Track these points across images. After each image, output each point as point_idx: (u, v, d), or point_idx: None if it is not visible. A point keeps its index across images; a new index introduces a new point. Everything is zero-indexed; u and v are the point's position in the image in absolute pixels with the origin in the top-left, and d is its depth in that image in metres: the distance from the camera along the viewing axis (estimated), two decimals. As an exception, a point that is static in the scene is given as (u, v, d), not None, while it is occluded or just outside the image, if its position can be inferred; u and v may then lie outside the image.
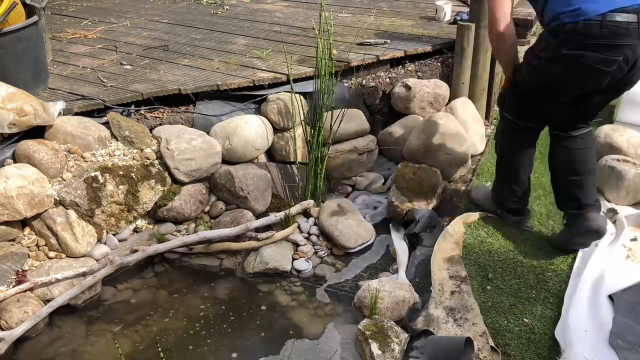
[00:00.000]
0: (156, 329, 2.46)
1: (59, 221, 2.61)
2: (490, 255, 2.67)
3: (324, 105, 3.00)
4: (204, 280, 2.73)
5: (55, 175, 2.69)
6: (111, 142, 2.91)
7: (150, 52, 3.70)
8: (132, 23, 4.37)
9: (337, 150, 3.27)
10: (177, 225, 2.96)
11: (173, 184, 2.92)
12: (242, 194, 2.96)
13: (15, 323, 2.33)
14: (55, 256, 2.64)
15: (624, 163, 3.00)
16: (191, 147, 2.89)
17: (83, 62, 3.53)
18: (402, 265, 2.67)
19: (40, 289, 2.49)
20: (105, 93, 3.09)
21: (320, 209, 3.04)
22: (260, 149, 3.14)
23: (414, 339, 2.24)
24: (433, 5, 4.33)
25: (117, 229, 2.81)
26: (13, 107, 2.63)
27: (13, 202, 2.48)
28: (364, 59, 3.49)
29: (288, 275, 2.75)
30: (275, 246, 2.85)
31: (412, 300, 2.41)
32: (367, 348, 2.17)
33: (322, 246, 2.90)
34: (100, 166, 2.74)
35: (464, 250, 2.69)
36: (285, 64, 3.32)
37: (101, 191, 2.69)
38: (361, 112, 3.40)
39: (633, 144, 3.17)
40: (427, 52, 3.74)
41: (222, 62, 3.51)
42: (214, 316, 2.53)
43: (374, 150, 3.39)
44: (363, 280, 2.66)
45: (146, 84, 3.20)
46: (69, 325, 2.47)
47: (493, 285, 2.46)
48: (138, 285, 2.70)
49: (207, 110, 3.17)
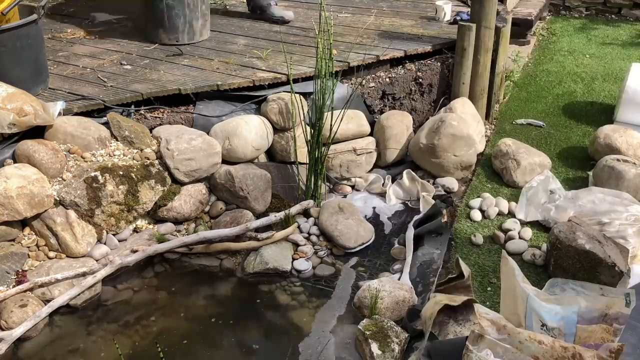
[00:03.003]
0: (156, 329, 2.46)
1: (59, 221, 2.61)
2: (490, 255, 2.67)
3: (324, 105, 3.00)
4: (204, 281, 2.73)
5: (55, 175, 2.69)
6: (111, 142, 2.91)
7: (151, 52, 3.70)
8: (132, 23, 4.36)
9: (336, 151, 3.28)
10: (177, 225, 2.96)
11: (173, 184, 2.92)
12: (242, 194, 2.96)
13: (15, 323, 2.33)
14: (55, 256, 2.64)
15: (623, 163, 3.00)
16: (191, 147, 2.89)
17: (83, 62, 3.53)
18: (407, 266, 2.66)
19: (40, 289, 2.49)
20: (105, 93, 3.09)
21: (320, 209, 3.04)
22: (260, 149, 3.14)
23: (414, 339, 2.24)
24: (433, 5, 4.33)
25: (117, 229, 2.81)
26: (13, 107, 2.63)
27: (13, 202, 2.48)
28: (364, 59, 3.49)
29: (288, 275, 2.75)
30: (275, 246, 2.85)
31: (412, 301, 2.41)
32: (367, 348, 2.17)
33: (322, 246, 2.90)
34: (100, 166, 2.74)
35: (463, 250, 2.70)
36: (285, 64, 3.32)
37: (101, 191, 2.69)
38: (361, 113, 3.40)
39: (633, 145, 3.17)
40: (427, 52, 3.74)
41: (222, 62, 3.51)
42: (214, 316, 2.53)
43: (373, 151, 3.39)
44: (363, 280, 2.66)
45: (146, 84, 3.20)
46: (69, 325, 2.47)
47: (493, 285, 2.46)
48: (138, 285, 2.70)
49: (207, 111, 3.17)
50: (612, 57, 4.85)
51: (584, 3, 6.04)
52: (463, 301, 2.15)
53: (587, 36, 5.35)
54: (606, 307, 1.96)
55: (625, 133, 3.22)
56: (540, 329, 1.99)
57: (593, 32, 5.45)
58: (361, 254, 2.87)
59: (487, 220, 2.93)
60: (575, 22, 5.78)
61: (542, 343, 1.80)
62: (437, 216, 2.86)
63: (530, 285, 2.10)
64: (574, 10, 6.09)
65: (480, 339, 1.81)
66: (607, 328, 1.92)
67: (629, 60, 4.69)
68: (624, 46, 5.10)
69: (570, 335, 1.97)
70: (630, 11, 5.90)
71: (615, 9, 5.96)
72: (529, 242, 2.75)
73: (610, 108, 3.93)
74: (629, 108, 3.63)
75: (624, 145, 3.16)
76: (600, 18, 5.95)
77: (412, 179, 3.25)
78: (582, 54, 4.91)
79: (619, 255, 2.38)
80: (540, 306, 2.00)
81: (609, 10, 5.98)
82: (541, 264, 2.60)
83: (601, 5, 6.00)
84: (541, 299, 2.04)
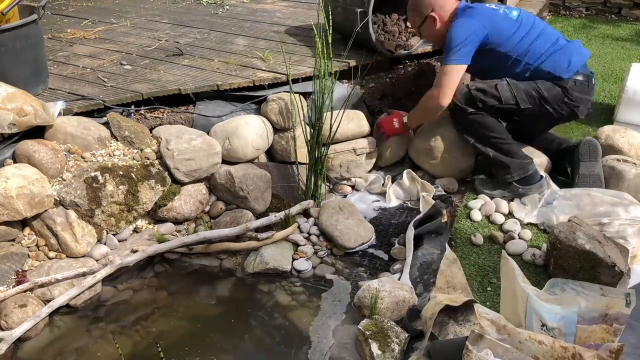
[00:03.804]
0: (156, 329, 2.46)
1: (59, 221, 2.61)
2: (490, 255, 2.67)
3: (324, 105, 3.00)
4: (204, 281, 2.73)
5: (55, 176, 2.69)
6: (111, 142, 2.91)
7: (151, 52, 3.70)
8: (132, 23, 4.37)
9: (336, 151, 3.28)
10: (177, 225, 2.96)
11: (173, 184, 2.92)
12: (242, 194, 2.97)
13: (15, 323, 2.33)
14: (55, 256, 2.64)
15: (624, 163, 3.00)
16: (191, 147, 2.89)
17: (83, 62, 3.53)
18: (407, 267, 2.66)
19: (40, 289, 2.49)
20: (105, 93, 3.09)
21: (320, 209, 3.04)
22: (260, 149, 3.14)
23: (414, 339, 2.24)
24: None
25: (117, 229, 2.81)
26: (13, 107, 2.63)
27: (13, 202, 2.48)
28: (363, 59, 3.49)
29: (288, 276, 2.75)
30: (275, 246, 2.85)
31: (412, 301, 2.41)
32: (367, 348, 2.17)
33: (322, 246, 2.90)
34: (100, 166, 2.74)
35: (463, 250, 2.70)
36: (285, 64, 3.32)
37: (101, 191, 2.69)
38: (361, 113, 3.40)
39: (635, 146, 3.16)
40: (427, 52, 3.74)
41: (222, 62, 3.51)
42: (214, 316, 2.53)
43: (373, 151, 3.39)
44: (363, 280, 2.66)
45: (146, 84, 3.20)
46: (69, 325, 2.47)
47: (493, 285, 2.46)
48: (138, 285, 2.70)
49: (207, 111, 3.17)
50: (612, 57, 4.86)
51: (584, 3, 6.05)
52: (463, 301, 2.15)
53: (587, 36, 5.35)
54: (606, 307, 1.96)
55: (626, 133, 3.21)
56: (540, 329, 1.99)
57: (593, 32, 5.46)
58: (361, 254, 2.87)
59: (487, 221, 2.93)
60: (575, 22, 5.79)
61: (542, 343, 1.80)
62: (437, 216, 2.86)
63: (530, 285, 2.10)
64: (574, 10, 6.09)
65: (480, 339, 1.81)
66: (607, 328, 1.92)
67: (629, 60, 4.70)
68: (624, 46, 5.10)
69: (570, 335, 1.97)
70: (630, 11, 5.91)
71: (615, 9, 5.96)
72: (529, 242, 2.75)
73: (610, 108, 3.93)
74: (629, 108, 3.63)
75: (626, 146, 3.16)
76: (600, 18, 5.95)
77: (412, 179, 3.26)
78: (582, 54, 4.90)
79: (619, 255, 2.38)
80: (540, 306, 2.00)
81: (609, 10, 5.99)
82: (541, 264, 2.60)
83: (601, 5, 6.00)
84: (541, 299, 2.04)
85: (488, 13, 3.02)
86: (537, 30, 3.02)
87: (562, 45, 3.02)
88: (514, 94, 2.96)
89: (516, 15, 3.05)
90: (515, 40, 2.98)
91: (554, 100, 2.97)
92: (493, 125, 3.03)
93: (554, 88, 2.96)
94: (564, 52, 3.00)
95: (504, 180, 3.06)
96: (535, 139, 3.28)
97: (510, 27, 2.99)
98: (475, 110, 3.01)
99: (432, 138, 3.25)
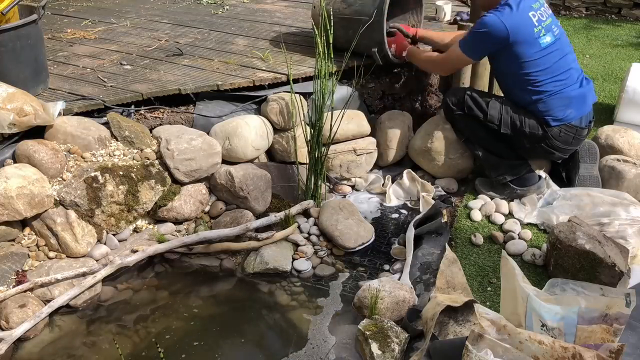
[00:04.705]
0: (156, 329, 2.46)
1: (59, 221, 2.61)
2: (490, 255, 2.67)
3: (324, 105, 3.00)
4: (204, 281, 2.73)
5: (55, 176, 2.69)
6: (111, 142, 2.91)
7: (151, 52, 3.70)
8: (132, 23, 4.37)
9: (336, 151, 3.28)
10: (177, 225, 2.96)
11: (173, 184, 2.92)
12: (242, 194, 2.97)
13: (16, 323, 2.33)
14: (55, 256, 2.64)
15: (624, 163, 3.00)
16: (191, 147, 2.89)
17: (83, 62, 3.53)
18: (407, 266, 2.66)
19: (40, 289, 2.49)
20: (105, 93, 3.09)
21: (320, 209, 3.04)
22: (260, 149, 3.14)
23: (414, 339, 2.24)
24: (433, 5, 4.33)
25: (117, 229, 2.81)
26: (13, 107, 2.63)
27: (13, 202, 2.48)
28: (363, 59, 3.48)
29: (288, 276, 2.75)
30: (275, 246, 2.85)
31: (412, 301, 2.41)
32: (367, 348, 2.17)
33: (322, 246, 2.90)
34: (100, 166, 2.74)
35: (463, 250, 2.69)
36: (285, 64, 3.32)
37: (101, 191, 2.69)
38: (362, 113, 3.40)
39: (635, 146, 3.17)
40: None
41: (222, 62, 3.51)
42: (214, 316, 2.53)
43: (373, 151, 3.39)
44: (363, 280, 2.66)
45: (146, 84, 3.20)
46: (69, 325, 2.47)
47: (493, 285, 2.46)
48: (138, 285, 2.69)
49: (207, 111, 3.17)
50: (612, 57, 4.86)
51: (584, 3, 6.05)
52: (464, 302, 2.15)
53: (587, 36, 5.35)
54: (606, 307, 1.96)
55: (626, 133, 3.21)
56: (540, 329, 1.99)
57: (593, 32, 5.46)
58: (361, 254, 2.87)
59: (487, 221, 2.93)
60: (575, 22, 5.79)
61: (542, 343, 1.80)
62: (437, 216, 2.86)
63: (530, 285, 2.09)
64: (574, 10, 6.09)
65: (480, 339, 1.81)
66: (607, 328, 1.92)
67: (629, 60, 4.70)
68: (624, 46, 5.10)
69: (570, 335, 1.96)
70: (630, 11, 5.91)
71: (615, 9, 5.96)
72: (529, 242, 2.75)
73: (610, 108, 3.93)
74: (629, 108, 3.63)
75: (626, 146, 3.16)
76: (600, 18, 5.95)
77: (412, 179, 3.26)
78: (582, 54, 4.91)
79: (619, 255, 2.38)
80: (540, 306, 2.00)
81: (609, 10, 5.99)
82: (541, 264, 2.60)
83: (601, 5, 6.00)
84: (541, 299, 2.03)
85: (524, 24, 2.80)
86: (558, 71, 2.88)
87: (570, 92, 2.91)
88: (501, 116, 2.97)
89: (548, 43, 2.84)
90: (529, 69, 2.87)
91: (532, 139, 2.97)
92: (480, 127, 3.05)
93: (538, 129, 2.94)
94: (568, 100, 2.90)
95: (498, 181, 3.07)
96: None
97: (532, 54, 2.83)
98: (462, 113, 3.06)
99: (432, 138, 3.25)
